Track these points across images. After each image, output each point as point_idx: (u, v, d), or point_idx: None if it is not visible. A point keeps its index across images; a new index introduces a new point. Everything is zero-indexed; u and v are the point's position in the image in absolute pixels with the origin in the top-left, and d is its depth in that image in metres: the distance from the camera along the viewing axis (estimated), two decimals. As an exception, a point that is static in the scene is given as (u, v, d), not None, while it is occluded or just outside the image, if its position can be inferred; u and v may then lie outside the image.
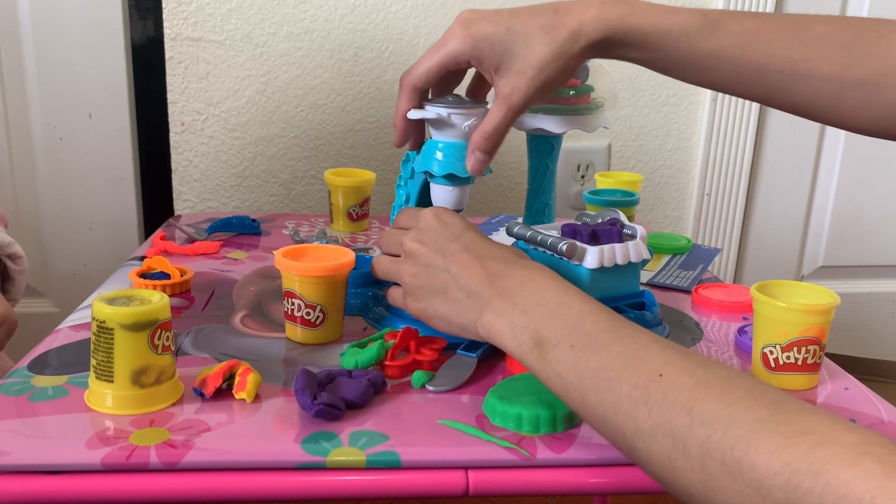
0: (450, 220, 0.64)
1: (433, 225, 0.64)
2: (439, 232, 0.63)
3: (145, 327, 0.58)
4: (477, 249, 0.61)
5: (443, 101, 0.74)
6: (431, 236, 0.63)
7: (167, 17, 1.27)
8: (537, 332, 0.53)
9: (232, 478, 0.54)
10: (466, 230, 0.63)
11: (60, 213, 1.39)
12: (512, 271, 0.58)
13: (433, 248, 0.62)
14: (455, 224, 0.64)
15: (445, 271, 0.61)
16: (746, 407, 0.42)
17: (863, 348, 1.65)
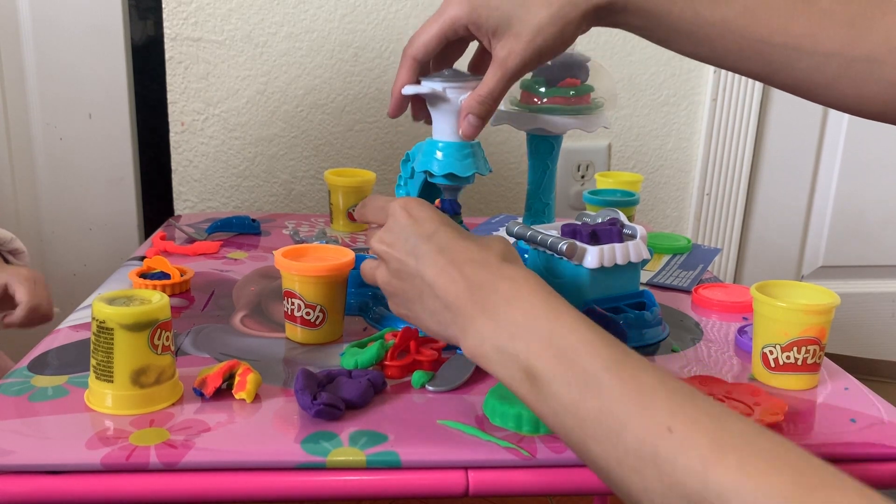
0: (421, 215, 0.57)
1: (402, 221, 0.57)
2: (409, 230, 0.57)
3: (145, 327, 0.58)
4: (453, 251, 0.54)
5: (438, 76, 0.73)
6: (401, 236, 0.57)
7: (167, 17, 1.27)
8: (529, 364, 0.48)
9: (232, 478, 0.54)
10: (440, 226, 0.56)
11: (60, 213, 1.39)
12: (495, 283, 0.52)
13: (403, 250, 0.56)
14: (426, 219, 0.57)
15: (419, 277, 0.55)
16: (767, 478, 0.38)
17: (863, 348, 1.65)
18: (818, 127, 1.52)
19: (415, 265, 0.55)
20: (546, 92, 0.83)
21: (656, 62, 1.41)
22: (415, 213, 0.57)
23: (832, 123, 1.52)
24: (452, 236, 0.56)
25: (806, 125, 1.51)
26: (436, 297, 0.54)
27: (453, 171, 0.74)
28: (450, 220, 0.58)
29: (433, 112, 0.74)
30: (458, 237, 0.56)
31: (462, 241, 0.55)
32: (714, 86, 1.43)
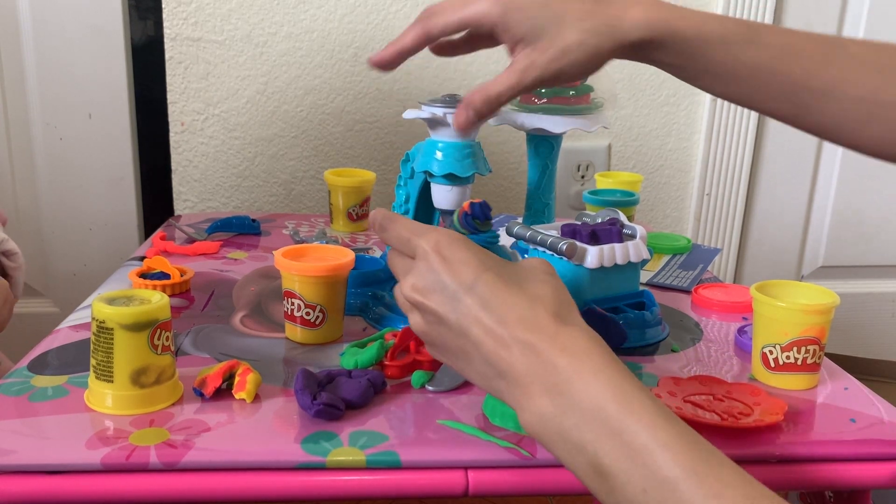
0: (456, 257, 0.50)
1: (435, 266, 0.50)
2: (445, 278, 0.49)
3: (145, 327, 0.58)
4: (499, 307, 0.48)
5: (439, 101, 0.74)
6: (436, 285, 0.50)
7: (167, 18, 1.27)
8: (598, 460, 0.43)
9: (232, 478, 0.54)
10: (480, 273, 0.49)
11: (60, 213, 1.39)
12: (553, 356, 0.45)
13: (440, 301, 0.50)
14: (463, 263, 0.49)
15: (463, 336, 0.49)
16: None
17: (863, 348, 1.65)
18: (818, 127, 1.52)
19: (456, 321, 0.49)
20: (546, 92, 0.83)
21: (656, 62, 1.41)
22: (449, 256, 0.50)
23: (832, 123, 1.52)
24: (496, 286, 0.48)
25: (806, 125, 1.51)
26: (485, 361, 0.48)
27: (453, 171, 0.74)
28: (489, 260, 0.50)
29: (433, 133, 0.75)
30: (502, 286, 0.48)
31: (508, 292, 0.48)
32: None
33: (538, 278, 0.50)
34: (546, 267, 0.52)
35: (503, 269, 0.50)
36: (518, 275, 0.50)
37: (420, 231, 0.52)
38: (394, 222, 0.55)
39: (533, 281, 0.50)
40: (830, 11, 1.47)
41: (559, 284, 0.51)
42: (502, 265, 0.51)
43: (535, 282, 0.50)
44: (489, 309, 0.48)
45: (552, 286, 0.50)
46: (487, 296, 0.48)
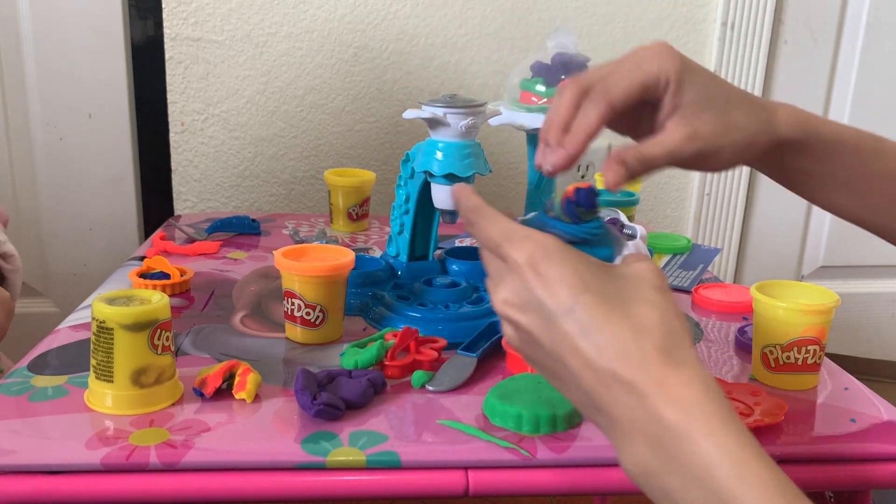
0: (553, 275, 0.44)
1: (530, 284, 0.45)
2: (540, 297, 0.44)
3: (145, 327, 0.58)
4: (600, 336, 0.42)
5: (439, 101, 0.74)
6: (530, 303, 0.45)
7: (167, 17, 1.27)
8: None
9: (232, 478, 0.54)
10: (579, 295, 0.43)
11: (60, 213, 1.39)
12: (658, 404, 0.40)
13: (534, 321, 0.45)
14: (560, 283, 0.44)
15: (559, 362, 0.44)
16: None
17: (863, 348, 1.65)
18: (818, 127, 1.52)
19: (551, 346, 0.44)
20: (546, 92, 0.83)
21: (656, 62, 1.41)
22: (545, 273, 0.44)
23: (832, 123, 1.52)
24: (596, 311, 0.43)
25: (806, 125, 1.51)
26: (583, 392, 0.44)
27: (453, 171, 0.74)
28: (590, 276, 0.45)
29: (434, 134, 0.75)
30: (603, 312, 0.43)
31: (610, 320, 0.43)
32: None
33: (646, 298, 0.44)
34: (655, 279, 0.46)
35: (606, 289, 0.44)
36: (623, 295, 0.44)
37: (512, 237, 0.46)
38: (483, 218, 0.49)
39: (639, 303, 0.44)
40: (830, 11, 1.47)
41: (670, 305, 0.44)
42: (604, 281, 0.45)
43: (641, 304, 0.44)
44: (588, 338, 0.43)
45: (661, 310, 0.44)
46: (587, 322, 0.43)
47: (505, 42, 1.36)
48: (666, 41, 0.57)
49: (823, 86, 1.51)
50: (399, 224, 0.86)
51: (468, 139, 0.75)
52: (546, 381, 0.62)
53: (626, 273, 0.46)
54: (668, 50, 0.56)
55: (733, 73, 1.43)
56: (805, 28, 1.47)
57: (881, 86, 1.52)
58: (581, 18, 1.37)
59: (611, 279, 0.45)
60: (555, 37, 0.85)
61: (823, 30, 1.47)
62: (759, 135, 0.57)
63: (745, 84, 1.44)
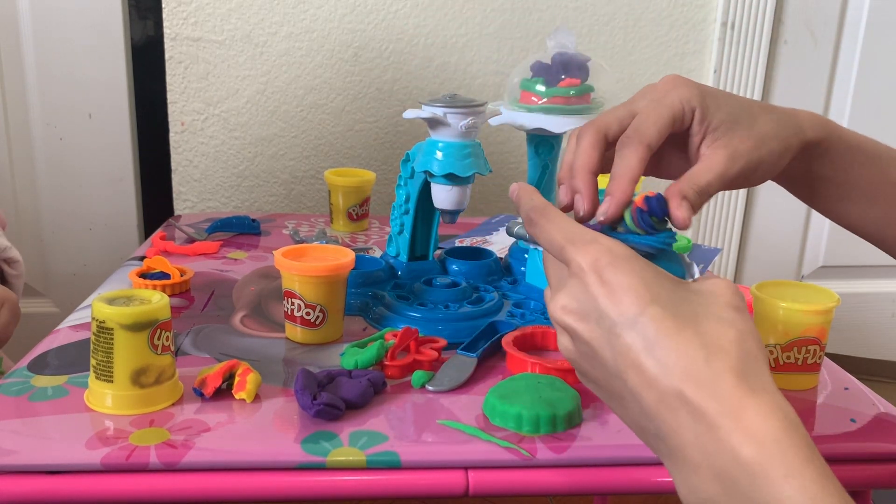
0: (620, 283, 0.41)
1: (593, 290, 0.42)
2: (604, 306, 0.41)
3: (145, 327, 0.58)
4: (667, 353, 0.39)
5: (439, 101, 0.74)
6: (592, 311, 0.42)
7: (167, 17, 1.27)
8: None
9: (232, 478, 0.54)
10: (647, 306, 0.40)
11: (60, 213, 1.39)
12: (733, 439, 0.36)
13: (595, 333, 0.42)
14: (627, 291, 0.41)
15: (619, 378, 0.41)
16: None
17: (863, 348, 1.65)
18: (818, 127, 1.52)
19: (612, 360, 0.41)
20: (546, 92, 0.83)
21: (656, 62, 1.41)
22: (610, 280, 0.41)
23: (832, 123, 1.52)
24: (664, 325, 0.39)
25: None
26: (643, 414, 0.40)
27: (453, 171, 0.74)
28: (658, 287, 0.41)
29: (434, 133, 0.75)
30: (672, 326, 0.39)
31: (679, 335, 0.39)
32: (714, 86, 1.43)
33: (720, 315, 0.41)
34: (732, 297, 0.42)
35: (675, 301, 0.41)
36: (694, 309, 0.41)
37: (577, 239, 0.44)
38: (547, 219, 0.46)
39: (712, 320, 0.40)
40: (830, 11, 1.47)
41: (747, 326, 0.40)
42: (675, 294, 0.41)
43: (715, 321, 0.40)
44: (653, 354, 0.39)
45: (738, 329, 0.40)
46: (652, 336, 0.39)
47: (505, 42, 1.36)
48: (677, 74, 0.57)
49: (823, 86, 1.51)
50: (399, 224, 0.86)
51: (468, 139, 0.75)
52: (546, 381, 0.62)
53: (699, 289, 0.43)
54: (683, 80, 0.56)
55: (733, 73, 1.43)
56: (805, 28, 1.47)
57: (881, 86, 1.52)
58: (581, 18, 1.37)
59: (682, 293, 0.42)
60: (555, 37, 0.85)
61: (823, 30, 1.47)
62: (790, 138, 0.56)
63: (745, 84, 1.44)
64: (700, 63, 1.43)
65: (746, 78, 1.44)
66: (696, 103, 0.55)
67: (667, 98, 0.55)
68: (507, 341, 0.70)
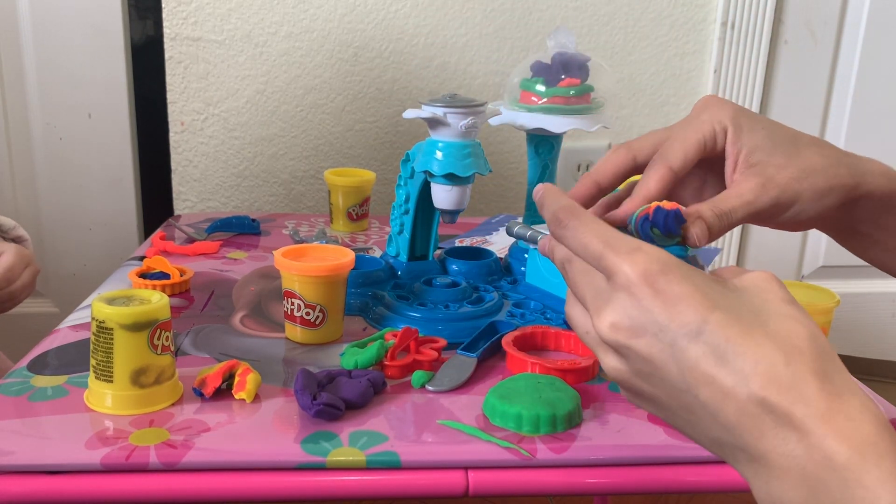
0: (674, 291, 0.38)
1: (646, 303, 0.38)
2: (662, 318, 0.38)
3: (145, 327, 0.58)
4: (741, 360, 0.36)
5: (439, 101, 0.74)
6: (649, 326, 0.38)
7: (167, 17, 1.27)
8: None
9: (232, 478, 0.54)
10: (709, 313, 0.37)
11: (60, 214, 1.39)
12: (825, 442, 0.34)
13: (656, 348, 0.38)
14: (685, 299, 0.38)
15: (689, 394, 0.38)
16: None
17: (863, 348, 1.65)
18: (818, 127, 1.52)
19: (679, 376, 0.38)
20: (546, 92, 0.83)
21: (656, 62, 1.41)
22: (665, 289, 0.38)
23: (833, 123, 1.52)
24: (731, 331, 0.37)
25: (806, 126, 1.50)
26: (722, 427, 0.37)
27: (453, 170, 0.74)
28: (714, 293, 0.38)
29: (434, 133, 0.75)
30: (739, 331, 0.37)
31: (750, 340, 0.36)
32: (714, 87, 1.43)
33: (783, 312, 0.38)
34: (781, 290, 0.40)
35: (734, 304, 0.38)
36: (755, 310, 0.38)
37: (619, 247, 0.40)
38: (580, 221, 0.42)
39: (778, 318, 0.38)
40: (830, 11, 1.47)
41: (810, 319, 0.38)
42: (730, 296, 0.39)
43: (782, 319, 0.38)
44: (726, 364, 0.36)
45: (806, 326, 0.37)
46: (721, 345, 0.36)
47: (505, 42, 1.36)
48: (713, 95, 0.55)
49: (823, 86, 1.51)
50: (399, 224, 0.86)
51: (468, 139, 0.75)
52: (546, 381, 0.62)
53: (745, 286, 0.40)
54: (716, 99, 0.54)
55: (733, 73, 1.43)
56: (805, 28, 1.47)
57: (881, 86, 1.52)
58: (581, 18, 1.37)
59: (734, 294, 0.39)
60: (555, 37, 0.85)
61: (823, 30, 1.47)
62: (840, 178, 0.52)
63: (744, 84, 1.44)
64: (700, 63, 1.43)
65: (746, 78, 1.44)
66: (727, 122, 0.53)
67: (697, 119, 0.53)
68: (507, 341, 0.70)
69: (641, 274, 0.38)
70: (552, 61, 0.83)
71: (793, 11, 1.45)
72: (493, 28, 1.35)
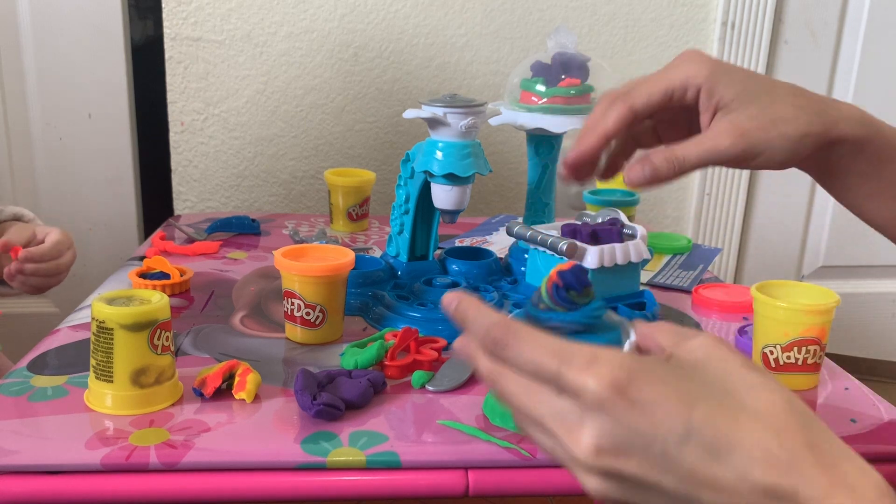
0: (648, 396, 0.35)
1: (624, 418, 0.35)
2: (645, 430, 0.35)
3: (145, 327, 0.58)
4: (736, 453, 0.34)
5: (439, 101, 0.74)
6: (634, 443, 0.35)
7: (167, 17, 1.27)
8: None
9: (232, 478, 0.54)
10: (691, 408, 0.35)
11: (60, 214, 1.39)
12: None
13: (648, 465, 0.36)
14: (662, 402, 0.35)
15: (689, 499, 0.36)
16: None
17: (863, 348, 1.65)
18: (818, 127, 1.52)
19: (676, 485, 0.35)
20: (546, 92, 0.83)
21: (657, 62, 1.41)
22: (639, 397, 0.35)
23: (832, 123, 1.52)
24: (719, 425, 0.35)
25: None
26: None
27: (453, 171, 0.74)
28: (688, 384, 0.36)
29: (433, 133, 0.75)
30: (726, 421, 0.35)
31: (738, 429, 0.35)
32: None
33: (749, 382, 0.37)
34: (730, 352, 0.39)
35: (706, 389, 0.36)
36: (725, 388, 0.37)
37: (575, 360, 0.36)
38: (521, 338, 0.38)
39: (747, 390, 0.37)
40: (830, 11, 1.47)
41: (775, 380, 0.37)
42: (697, 380, 0.37)
43: (751, 391, 0.36)
44: (722, 459, 0.34)
45: (779, 392, 0.36)
46: (713, 442, 0.34)
47: (505, 42, 1.36)
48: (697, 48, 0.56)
49: (823, 86, 1.51)
50: (399, 224, 0.86)
51: (468, 139, 0.75)
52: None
53: (699, 360, 0.39)
54: (696, 55, 0.56)
55: (733, 73, 1.43)
56: (805, 28, 1.47)
57: (881, 86, 1.52)
58: (581, 18, 1.37)
59: (697, 374, 0.37)
60: (555, 36, 0.85)
61: (823, 30, 1.47)
62: (812, 126, 0.54)
63: (745, 84, 1.44)
64: (700, 63, 1.43)
65: (746, 78, 1.44)
66: (701, 81, 0.54)
67: (671, 72, 0.56)
68: None
69: (610, 386, 0.35)
70: (552, 61, 0.83)
71: (793, 11, 1.45)
72: (493, 28, 1.35)
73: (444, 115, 0.73)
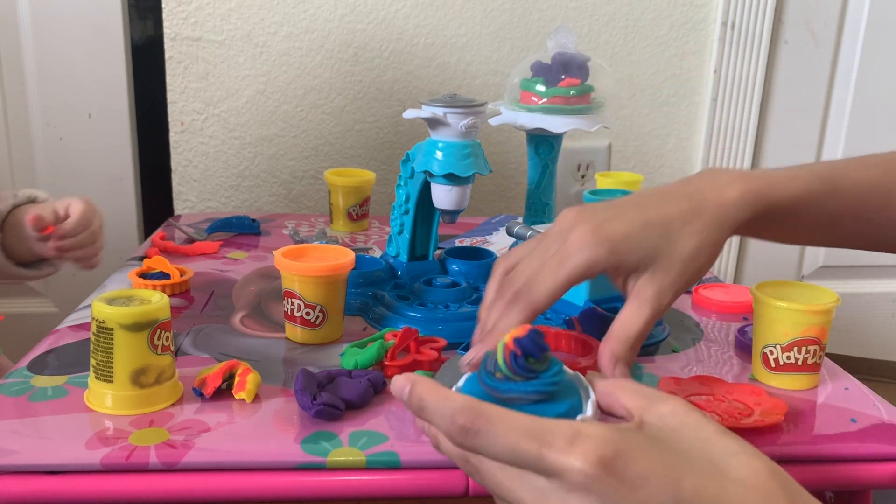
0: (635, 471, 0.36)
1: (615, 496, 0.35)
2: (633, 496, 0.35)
3: (145, 327, 0.58)
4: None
5: (439, 101, 0.74)
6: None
7: (167, 17, 1.27)
8: None
9: (232, 478, 0.54)
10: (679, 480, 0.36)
11: (60, 213, 1.39)
12: None
13: None
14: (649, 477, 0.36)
15: None
16: None
17: (863, 348, 1.65)
18: (818, 127, 1.52)
19: None
20: (546, 92, 0.83)
21: (656, 62, 1.41)
22: (625, 473, 0.35)
23: (833, 123, 1.52)
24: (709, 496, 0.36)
25: (806, 125, 1.51)
26: None
27: (453, 171, 0.74)
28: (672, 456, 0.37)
29: (433, 133, 0.75)
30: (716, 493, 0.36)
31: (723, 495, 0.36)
32: (714, 86, 1.43)
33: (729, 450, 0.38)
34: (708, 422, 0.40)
35: (689, 458, 0.37)
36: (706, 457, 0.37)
37: (556, 440, 0.36)
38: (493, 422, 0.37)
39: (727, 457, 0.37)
40: (830, 11, 1.47)
41: (752, 447, 0.39)
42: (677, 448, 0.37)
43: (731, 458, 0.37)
44: None
45: (758, 458, 0.38)
46: None
47: (505, 42, 1.36)
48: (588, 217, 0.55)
49: (823, 86, 1.51)
50: (399, 224, 0.86)
51: (468, 139, 0.75)
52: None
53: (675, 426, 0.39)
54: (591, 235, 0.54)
55: (733, 74, 1.43)
56: (805, 28, 1.47)
57: (881, 86, 1.52)
58: (581, 18, 1.37)
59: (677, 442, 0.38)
60: (555, 37, 0.85)
61: (823, 30, 1.47)
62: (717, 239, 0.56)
63: (744, 84, 1.44)
64: (700, 63, 1.43)
65: (746, 78, 1.44)
66: (605, 263, 0.54)
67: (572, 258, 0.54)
68: None
69: (597, 464, 0.35)
70: (552, 61, 0.83)
71: (793, 11, 1.45)
72: (493, 28, 1.35)
73: (444, 115, 0.73)
